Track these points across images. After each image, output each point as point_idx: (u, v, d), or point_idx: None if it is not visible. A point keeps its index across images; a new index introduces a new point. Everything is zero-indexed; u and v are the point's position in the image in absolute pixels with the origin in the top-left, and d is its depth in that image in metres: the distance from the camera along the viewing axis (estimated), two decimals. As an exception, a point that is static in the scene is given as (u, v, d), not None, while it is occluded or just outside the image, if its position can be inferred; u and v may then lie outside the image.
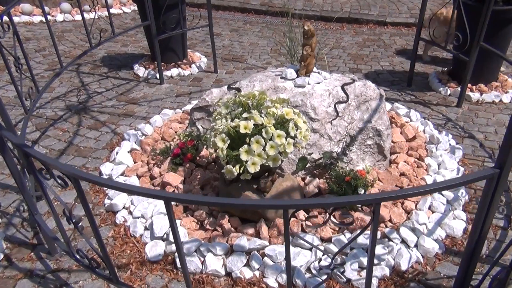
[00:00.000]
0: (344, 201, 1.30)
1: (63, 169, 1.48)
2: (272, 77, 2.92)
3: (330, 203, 1.35)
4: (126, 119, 3.74)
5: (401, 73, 4.51)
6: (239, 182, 2.29)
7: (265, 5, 6.63)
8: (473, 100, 3.78)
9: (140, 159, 3.06)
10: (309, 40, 2.73)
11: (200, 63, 4.72)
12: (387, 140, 2.71)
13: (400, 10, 6.18)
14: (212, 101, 2.93)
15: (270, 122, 2.09)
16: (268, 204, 1.42)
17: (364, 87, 2.82)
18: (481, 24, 3.30)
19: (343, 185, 2.35)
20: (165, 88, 4.28)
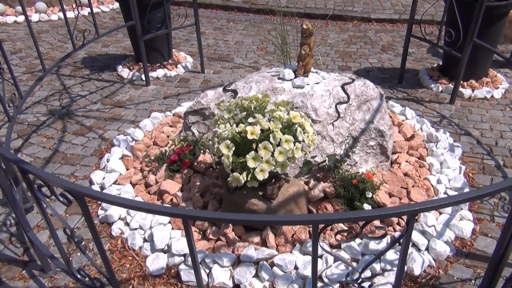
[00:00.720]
0: (378, 214, 1.22)
1: (67, 187, 1.35)
2: (269, 78, 2.83)
3: (363, 217, 1.27)
4: (113, 123, 3.58)
5: (390, 70, 4.48)
6: (243, 189, 2.20)
7: (247, 3, 6.52)
8: (465, 96, 3.77)
9: (133, 165, 2.92)
10: (307, 39, 2.65)
11: (186, 63, 4.58)
12: (389, 140, 2.65)
13: (384, 6, 6.17)
14: (208, 103, 2.82)
15: (277, 126, 2.00)
16: (299, 220, 1.33)
17: (364, 86, 2.76)
18: (474, 21, 3.28)
19: (350, 188, 2.29)
20: (152, 90, 4.14)
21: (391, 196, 2.42)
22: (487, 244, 2.26)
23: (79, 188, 1.35)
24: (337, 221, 1.30)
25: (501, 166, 2.87)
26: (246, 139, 2.01)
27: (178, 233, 2.31)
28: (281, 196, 2.19)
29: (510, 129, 3.29)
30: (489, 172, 2.82)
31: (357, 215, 1.28)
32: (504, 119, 3.44)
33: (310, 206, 2.38)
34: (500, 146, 3.09)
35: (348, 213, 1.26)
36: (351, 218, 1.23)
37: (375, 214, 1.23)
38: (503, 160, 2.93)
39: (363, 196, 2.25)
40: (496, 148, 3.07)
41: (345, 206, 2.26)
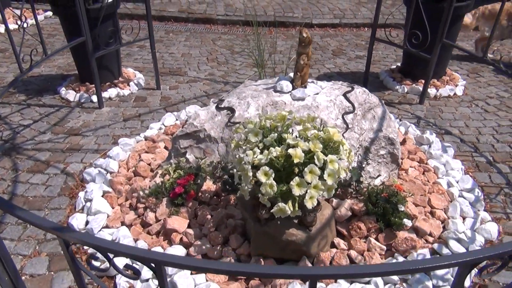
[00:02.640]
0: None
1: (138, 255, 1.04)
2: (265, 92, 2.62)
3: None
4: (73, 154, 3.12)
5: (350, 74, 4.48)
6: (276, 219, 1.96)
7: (184, 12, 6.21)
8: (431, 96, 3.87)
9: (117, 203, 2.54)
10: (306, 48, 2.49)
11: (138, 80, 4.19)
12: (399, 147, 2.58)
13: (323, 11, 6.23)
14: (202, 125, 2.54)
15: (317, 146, 1.80)
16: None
17: (365, 93, 2.66)
18: (443, 22, 3.36)
19: (380, 203, 2.15)
20: (107, 113, 3.70)
21: (416, 206, 2.33)
22: (515, 244, 2.25)
23: (157, 255, 1.04)
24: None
25: (492, 162, 2.94)
26: (287, 164, 1.78)
27: (202, 277, 2.00)
28: (319, 222, 1.99)
29: (484, 125, 3.41)
30: (484, 169, 2.87)
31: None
32: (474, 115, 3.56)
33: (339, 227, 2.21)
34: (482, 142, 3.17)
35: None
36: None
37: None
38: (491, 156, 3.01)
39: (396, 210, 2.13)
40: (480, 145, 3.15)
41: (380, 223, 2.13)
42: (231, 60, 4.90)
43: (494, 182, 2.74)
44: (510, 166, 2.89)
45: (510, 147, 3.09)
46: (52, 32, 5.66)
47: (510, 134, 3.25)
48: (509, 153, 3.02)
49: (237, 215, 2.28)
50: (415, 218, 2.22)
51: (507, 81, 4.16)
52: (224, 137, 2.51)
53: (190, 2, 6.52)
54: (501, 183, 2.73)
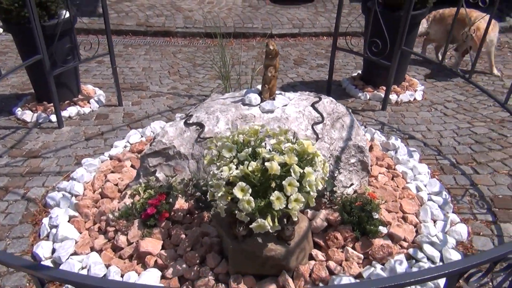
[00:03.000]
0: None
1: None
2: (233, 105, 2.59)
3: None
4: (34, 178, 2.98)
5: (312, 83, 4.54)
6: (254, 235, 1.94)
7: (142, 25, 6.11)
8: (393, 101, 3.96)
9: (84, 227, 2.43)
10: (273, 61, 2.50)
11: (99, 97, 4.07)
12: (369, 155, 2.61)
13: (282, 21, 6.30)
14: (171, 142, 2.48)
15: (293, 159, 1.79)
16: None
17: (333, 103, 2.69)
18: (401, 30, 3.46)
19: (355, 212, 2.17)
20: (68, 132, 3.56)
21: (389, 212, 2.36)
22: (484, 243, 2.33)
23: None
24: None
25: (456, 164, 3.03)
26: (264, 179, 1.76)
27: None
28: (297, 235, 1.98)
29: (445, 128, 3.53)
30: (449, 172, 2.96)
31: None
32: (434, 119, 3.68)
33: (316, 238, 2.20)
34: (444, 145, 3.28)
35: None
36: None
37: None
38: (454, 158, 3.10)
39: (370, 218, 2.15)
40: (443, 148, 3.25)
41: (356, 232, 2.14)
42: (193, 73, 4.85)
43: (459, 184, 2.82)
44: (473, 167, 2.99)
45: (471, 149, 3.20)
46: (3, 50, 5.42)
47: (470, 136, 3.37)
48: (470, 155, 3.13)
49: (212, 233, 2.23)
50: (389, 225, 2.24)
51: (462, 85, 4.33)
52: (194, 153, 2.46)
53: (148, 15, 6.43)
54: (465, 184, 2.82)
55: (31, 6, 3.07)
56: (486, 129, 3.45)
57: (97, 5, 6.69)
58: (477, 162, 3.04)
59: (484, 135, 3.37)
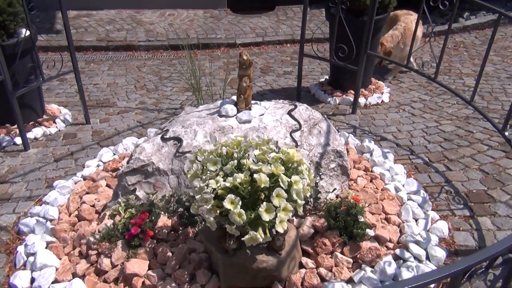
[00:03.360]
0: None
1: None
2: (210, 117, 2.57)
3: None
4: (3, 205, 2.84)
5: (282, 90, 4.57)
6: (243, 247, 1.91)
7: (103, 40, 5.98)
8: (362, 104, 4.04)
9: (63, 253, 2.33)
10: (247, 71, 2.49)
11: (65, 116, 3.94)
12: (347, 159, 2.64)
13: (245, 31, 6.32)
14: (149, 158, 2.42)
15: (279, 169, 1.79)
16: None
17: (308, 110, 2.71)
18: (366, 34, 3.54)
19: (341, 217, 2.18)
20: (35, 154, 3.42)
21: (372, 214, 2.39)
22: (465, 238, 2.40)
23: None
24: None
25: (429, 163, 3.12)
26: (253, 190, 1.75)
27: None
28: (287, 245, 1.97)
29: (414, 128, 3.62)
30: (423, 170, 3.03)
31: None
32: (403, 119, 3.78)
33: (304, 246, 2.20)
34: (416, 145, 3.36)
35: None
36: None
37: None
38: (427, 157, 3.19)
39: (356, 222, 2.17)
40: (414, 147, 3.33)
41: (344, 237, 2.15)
42: (160, 86, 4.78)
43: (434, 182, 2.90)
44: (445, 164, 3.08)
45: (441, 147, 3.30)
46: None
47: (439, 134, 3.48)
48: (441, 152, 3.23)
49: (199, 248, 2.19)
50: (374, 227, 2.27)
51: (425, 85, 4.48)
52: (174, 168, 2.42)
53: (108, 30, 6.30)
54: (440, 181, 2.90)
55: (-11, 26, 2.95)
56: (453, 127, 3.58)
57: (53, 21, 6.50)
58: (448, 159, 3.14)
59: (452, 133, 3.48)
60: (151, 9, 7.12)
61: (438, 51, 4.98)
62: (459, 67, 4.94)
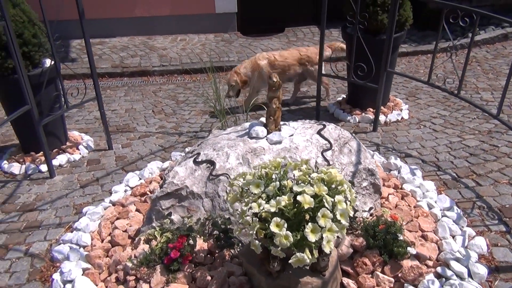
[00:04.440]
0: None
1: None
2: (240, 140, 2.58)
3: None
4: (34, 233, 2.84)
5: (299, 111, 4.59)
6: (287, 269, 1.90)
7: (118, 67, 6.06)
8: (382, 122, 4.05)
9: (99, 279, 2.32)
10: (276, 93, 2.51)
11: (87, 142, 3.97)
12: (379, 177, 2.63)
13: (256, 53, 6.38)
14: (183, 182, 2.42)
15: (322, 189, 1.79)
16: None
17: (337, 129, 2.72)
18: (385, 53, 3.58)
19: (380, 236, 2.16)
20: (61, 181, 3.44)
21: (410, 232, 2.37)
22: (504, 254, 2.37)
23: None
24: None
25: (457, 178, 3.10)
26: (298, 212, 1.74)
27: None
28: (330, 265, 1.95)
29: (438, 144, 3.62)
30: (453, 186, 3.01)
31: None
32: (426, 136, 3.77)
33: (343, 265, 2.17)
34: (442, 161, 3.35)
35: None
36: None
37: None
38: (455, 173, 3.17)
39: (395, 240, 2.15)
40: (441, 163, 3.32)
41: (385, 256, 2.13)
42: (178, 110, 4.81)
43: (465, 197, 2.88)
44: (474, 179, 3.06)
45: (468, 162, 3.29)
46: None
47: (464, 149, 3.47)
48: (468, 168, 3.21)
49: (237, 271, 2.17)
50: (413, 245, 2.25)
51: (443, 101, 4.49)
52: (208, 191, 2.42)
53: (122, 57, 6.39)
54: (471, 197, 2.88)
55: (17, 57, 3.00)
56: (477, 141, 3.57)
57: (68, 50, 6.62)
58: (476, 174, 3.12)
59: (477, 147, 3.47)
60: (162, 35, 7.23)
61: (449, 68, 5.02)
62: (474, 82, 4.95)
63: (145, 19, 7.08)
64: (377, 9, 3.80)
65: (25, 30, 3.31)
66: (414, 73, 5.43)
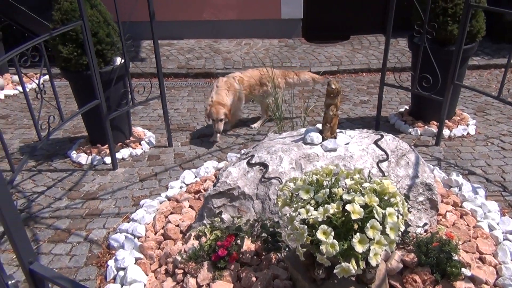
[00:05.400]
0: None
1: None
2: (294, 145, 2.58)
3: None
4: (94, 220, 3.01)
5: (359, 120, 4.51)
6: (332, 278, 1.87)
7: (183, 68, 6.28)
8: (446, 136, 3.88)
9: (150, 269, 2.42)
10: (334, 100, 2.48)
11: (149, 138, 4.14)
12: (437, 192, 2.53)
13: (319, 59, 6.36)
14: (235, 183, 2.47)
15: (373, 200, 1.75)
16: None
17: (396, 140, 2.65)
18: (454, 64, 3.43)
19: (432, 253, 2.08)
20: (122, 174, 3.61)
21: (466, 252, 2.26)
22: None
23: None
24: None
25: (524, 201, 2.91)
26: (346, 221, 1.72)
27: None
28: (377, 278, 1.91)
29: (505, 163, 3.41)
30: (519, 208, 2.83)
31: None
32: (493, 154, 3.57)
33: (392, 280, 2.11)
34: (509, 181, 3.16)
35: None
36: None
37: None
38: (522, 194, 2.98)
39: (449, 260, 2.06)
40: (508, 183, 3.13)
41: (437, 275, 2.04)
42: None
43: (532, 222, 2.69)
44: (543, 203, 2.86)
45: (537, 184, 3.08)
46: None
47: (534, 171, 3.25)
48: (538, 190, 3.01)
49: (282, 275, 2.17)
50: (469, 266, 2.14)
51: (515, 118, 4.23)
52: (259, 193, 2.44)
53: (188, 58, 6.61)
54: (539, 222, 2.68)
55: (91, 55, 3.20)
56: (550, 163, 3.33)
57: (138, 50, 6.95)
58: (547, 198, 2.91)
59: (549, 170, 3.24)
60: (228, 38, 7.40)
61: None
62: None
63: (212, 23, 7.28)
64: (447, 19, 3.66)
65: (100, 30, 3.52)
66: (485, 88, 5.16)
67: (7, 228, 1.17)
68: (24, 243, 1.22)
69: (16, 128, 4.59)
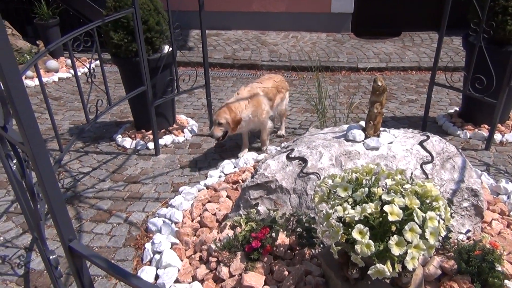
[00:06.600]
0: None
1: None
2: (336, 141, 2.54)
3: None
4: (134, 203, 3.09)
5: (405, 119, 4.38)
6: (366, 278, 1.84)
7: (229, 58, 6.31)
8: (497, 141, 3.70)
9: (185, 255, 2.46)
10: (379, 97, 2.42)
11: (192, 127, 4.20)
12: (483, 199, 2.42)
13: (368, 55, 6.22)
14: (273, 175, 2.46)
15: (414, 202, 1.69)
16: None
17: (442, 142, 2.55)
18: (511, 66, 3.25)
19: (474, 262, 1.99)
20: (164, 160, 3.69)
21: (511, 264, 2.15)
22: None
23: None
24: None
25: None
26: (384, 222, 1.67)
27: None
28: (413, 283, 1.85)
29: (561, 173, 3.22)
30: None
31: None
32: (548, 162, 3.38)
33: (429, 286, 2.04)
34: None
35: None
36: None
37: None
38: None
39: (492, 270, 1.96)
40: (562, 195, 2.94)
41: (477, 285, 1.96)
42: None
43: None
44: None
45: None
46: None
47: None
48: None
49: (315, 271, 2.15)
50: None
51: None
52: (296, 188, 2.42)
53: (235, 49, 6.64)
54: None
55: (140, 42, 3.27)
56: None
57: (187, 39, 7.05)
58: None
59: None
60: (275, 30, 7.36)
61: None
62: None
63: (260, 14, 7.27)
64: (507, 18, 3.46)
65: (150, 18, 3.60)
66: (544, 92, 4.87)
67: (50, 206, 1.21)
68: (65, 221, 1.27)
69: (67, 110, 4.79)
